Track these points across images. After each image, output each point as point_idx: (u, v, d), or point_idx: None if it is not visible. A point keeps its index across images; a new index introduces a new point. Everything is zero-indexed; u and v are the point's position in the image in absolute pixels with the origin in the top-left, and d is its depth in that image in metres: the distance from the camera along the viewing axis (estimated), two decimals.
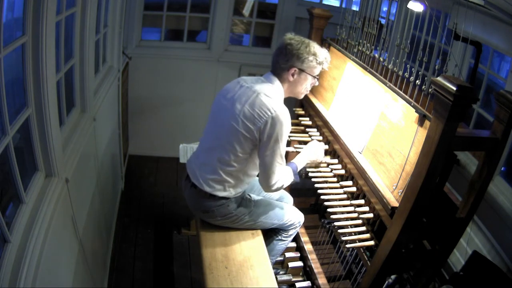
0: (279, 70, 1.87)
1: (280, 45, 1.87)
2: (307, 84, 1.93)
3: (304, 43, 1.85)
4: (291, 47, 1.83)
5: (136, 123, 4.22)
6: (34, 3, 1.42)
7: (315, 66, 1.89)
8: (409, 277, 2.15)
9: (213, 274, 1.84)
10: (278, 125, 1.74)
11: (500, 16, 2.33)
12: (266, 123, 1.74)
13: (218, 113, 1.92)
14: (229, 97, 1.87)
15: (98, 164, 2.59)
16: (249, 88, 1.83)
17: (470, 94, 1.41)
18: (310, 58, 1.85)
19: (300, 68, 1.86)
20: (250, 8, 4.17)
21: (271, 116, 1.74)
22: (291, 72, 1.85)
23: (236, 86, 1.89)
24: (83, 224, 2.12)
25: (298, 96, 1.98)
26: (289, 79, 1.87)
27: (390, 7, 2.30)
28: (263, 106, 1.76)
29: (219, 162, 1.88)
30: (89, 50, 2.25)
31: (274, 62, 1.89)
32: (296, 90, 1.93)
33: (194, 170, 1.98)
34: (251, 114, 1.76)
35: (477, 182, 1.73)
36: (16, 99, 1.52)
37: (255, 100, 1.78)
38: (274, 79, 1.88)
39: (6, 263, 1.25)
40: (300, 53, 1.83)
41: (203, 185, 1.92)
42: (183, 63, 4.08)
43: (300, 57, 1.84)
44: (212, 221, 2.03)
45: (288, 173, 1.94)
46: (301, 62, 1.85)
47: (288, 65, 1.84)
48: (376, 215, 1.91)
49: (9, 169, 1.40)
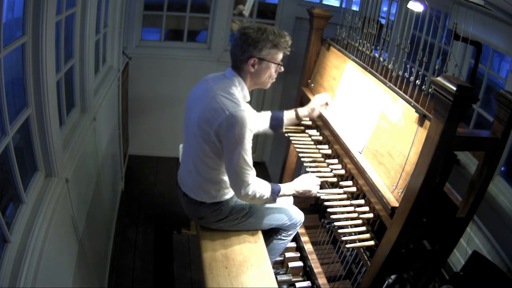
0: (238, 63, 1.77)
1: (235, 36, 1.75)
2: (271, 72, 1.81)
3: (260, 30, 1.71)
4: (246, 37, 1.70)
5: (136, 123, 4.22)
6: (34, 3, 1.42)
7: (275, 52, 1.76)
8: (409, 277, 2.15)
9: (213, 274, 1.84)
10: (235, 125, 1.65)
11: (500, 16, 2.33)
12: (221, 124, 1.66)
13: (187, 117, 1.89)
14: (194, 99, 1.83)
15: (98, 164, 2.59)
16: (209, 89, 1.76)
17: (470, 94, 1.41)
18: (268, 45, 1.72)
19: (259, 57, 1.73)
20: (250, 8, 4.18)
21: (225, 116, 1.65)
22: (250, 63, 1.74)
23: (200, 87, 1.84)
24: (83, 224, 2.12)
25: (264, 86, 1.87)
26: (250, 70, 1.76)
27: (390, 7, 2.30)
28: (218, 107, 1.67)
29: (195, 168, 1.85)
30: (89, 50, 2.25)
31: (232, 55, 1.79)
32: (260, 81, 1.82)
33: (182, 178, 2.00)
34: (206, 117, 1.70)
35: (477, 182, 1.73)
36: (16, 99, 1.52)
37: (210, 101, 1.70)
38: (233, 74, 1.79)
39: (6, 263, 1.25)
40: (256, 42, 1.70)
41: (191, 193, 1.93)
42: (183, 63, 4.07)
43: (257, 46, 1.71)
44: (209, 225, 2.04)
45: (265, 187, 1.86)
46: (259, 51, 1.72)
47: (246, 56, 1.73)
48: (376, 215, 1.91)
49: (9, 169, 1.40)
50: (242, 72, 1.79)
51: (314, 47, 2.78)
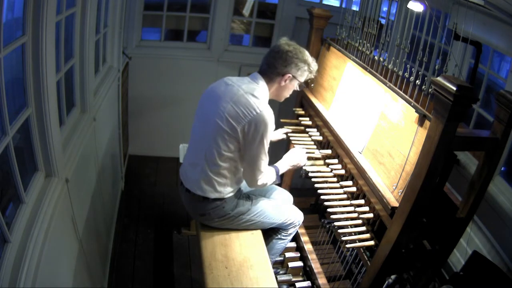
0: (271, 73, 1.88)
1: (278, 50, 1.88)
2: (293, 89, 1.98)
3: (300, 52, 1.89)
4: (291, 54, 1.86)
5: (136, 123, 4.22)
6: (34, 3, 1.42)
7: (307, 75, 1.96)
8: (409, 277, 2.15)
9: (213, 274, 1.84)
10: (263, 126, 1.75)
11: (500, 16, 2.33)
12: (250, 122, 1.75)
13: (204, 111, 1.93)
14: (214, 95, 1.87)
15: (98, 164, 2.59)
16: (236, 87, 1.83)
17: (470, 94, 1.41)
18: (305, 67, 1.91)
19: (294, 75, 1.90)
20: (250, 8, 4.17)
21: (256, 116, 1.75)
22: (285, 78, 1.88)
23: (222, 85, 1.90)
24: (83, 224, 2.12)
25: (281, 99, 2.01)
26: (281, 83, 1.90)
27: (390, 7, 2.30)
28: (248, 105, 1.76)
29: (206, 161, 1.88)
30: (89, 50, 2.24)
31: (268, 64, 1.89)
32: (282, 94, 1.97)
33: (186, 174, 2.00)
34: (236, 112, 1.77)
35: (477, 182, 1.73)
36: (16, 99, 1.52)
37: (240, 99, 1.78)
38: (261, 80, 1.89)
39: (6, 263, 1.25)
40: (298, 62, 1.87)
41: (195, 188, 1.93)
42: (183, 63, 4.07)
43: (297, 66, 1.88)
44: (210, 223, 2.04)
45: (272, 172, 1.99)
46: (297, 70, 1.89)
47: (285, 71, 1.87)
48: (376, 215, 1.91)
49: (9, 169, 1.40)
50: (271, 81, 1.90)
51: (314, 47, 2.78)
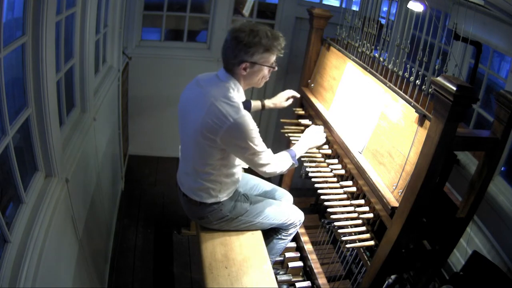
0: (230, 65, 1.72)
1: (227, 37, 1.69)
2: (264, 73, 1.78)
3: (252, 33, 1.64)
4: (237, 41, 1.64)
5: (136, 123, 4.22)
6: (34, 3, 1.42)
7: (268, 56, 1.71)
8: (409, 277, 2.15)
9: (213, 274, 1.84)
10: (242, 132, 1.65)
11: (500, 16, 2.33)
12: (227, 131, 1.65)
13: (183, 123, 1.87)
14: (189, 103, 1.80)
15: (98, 164, 2.59)
16: (206, 94, 1.71)
17: (470, 94, 1.41)
18: (260, 49, 1.66)
19: (251, 62, 1.69)
20: (250, 8, 4.17)
21: (231, 125, 1.63)
22: (242, 67, 1.69)
23: (194, 89, 1.80)
24: (83, 224, 2.12)
25: (257, 85, 1.83)
26: (242, 73, 1.72)
27: (390, 7, 2.30)
28: (221, 115, 1.64)
29: (196, 171, 1.85)
30: (89, 50, 2.24)
31: (223, 57, 1.73)
32: (253, 82, 1.78)
33: (181, 180, 2.00)
34: (210, 124, 1.66)
35: (477, 182, 1.73)
36: (16, 99, 1.52)
37: (211, 108, 1.66)
38: (228, 77, 1.74)
39: (6, 263, 1.25)
40: (248, 47, 1.64)
41: (191, 194, 1.93)
42: (183, 63, 4.07)
43: (248, 51, 1.65)
44: (209, 225, 2.04)
45: (283, 158, 1.92)
46: (251, 55, 1.67)
47: (238, 60, 1.68)
48: (376, 215, 1.91)
49: (9, 169, 1.40)
50: (235, 75, 1.74)
51: (314, 47, 2.78)
